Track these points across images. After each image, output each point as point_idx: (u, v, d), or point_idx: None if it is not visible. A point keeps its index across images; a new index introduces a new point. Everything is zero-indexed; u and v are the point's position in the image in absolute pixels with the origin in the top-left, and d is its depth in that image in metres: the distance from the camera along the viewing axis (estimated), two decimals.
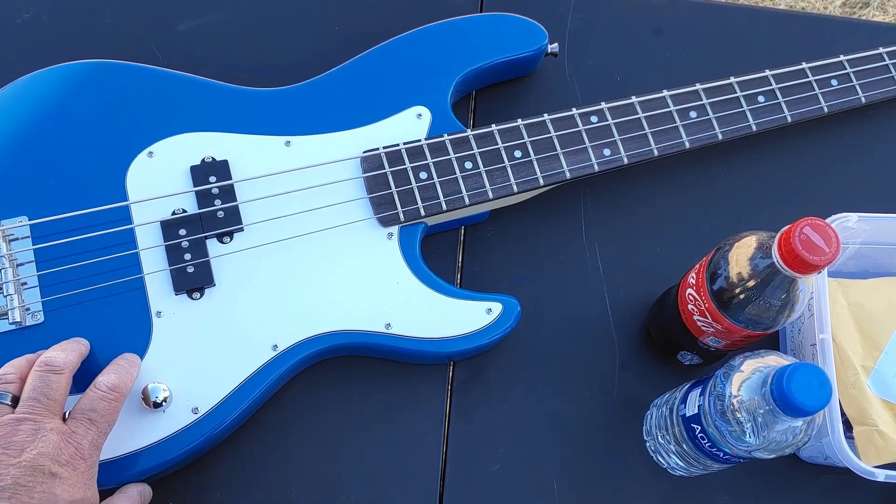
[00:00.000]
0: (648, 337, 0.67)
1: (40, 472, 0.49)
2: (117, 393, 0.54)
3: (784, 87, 0.70)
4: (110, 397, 0.54)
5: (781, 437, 0.50)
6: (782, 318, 0.53)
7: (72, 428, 0.52)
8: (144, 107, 0.65)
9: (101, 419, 0.53)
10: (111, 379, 0.54)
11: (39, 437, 0.50)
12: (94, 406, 0.53)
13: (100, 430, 0.53)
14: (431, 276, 0.63)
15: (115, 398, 0.54)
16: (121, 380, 0.55)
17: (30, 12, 0.73)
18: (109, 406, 0.54)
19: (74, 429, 0.52)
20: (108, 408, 0.53)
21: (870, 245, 0.65)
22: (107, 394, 0.54)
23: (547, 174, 0.65)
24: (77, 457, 0.51)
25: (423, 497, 0.62)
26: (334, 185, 0.64)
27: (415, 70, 0.68)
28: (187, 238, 0.61)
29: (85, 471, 0.51)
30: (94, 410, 0.53)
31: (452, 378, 0.66)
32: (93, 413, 0.53)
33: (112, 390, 0.54)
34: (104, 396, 0.53)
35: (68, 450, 0.51)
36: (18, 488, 0.48)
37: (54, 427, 0.51)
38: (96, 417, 0.53)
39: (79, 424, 0.52)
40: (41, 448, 0.50)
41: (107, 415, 0.53)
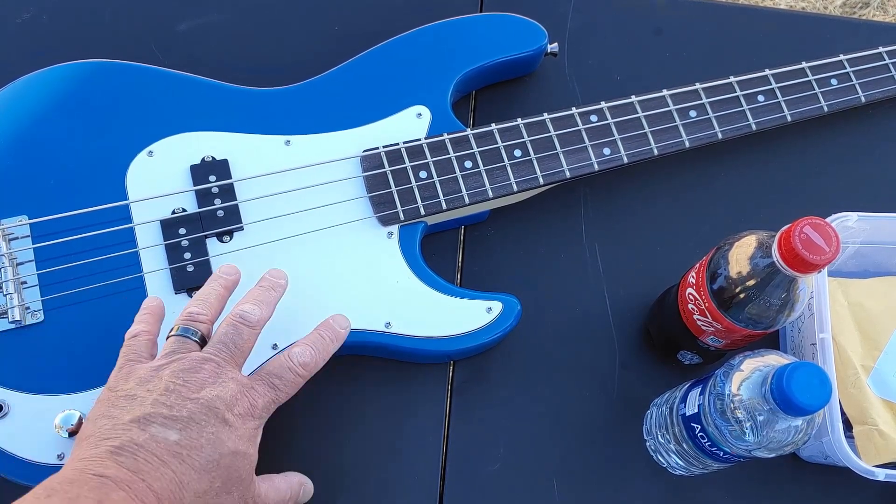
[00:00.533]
0: (648, 337, 0.67)
1: (214, 414, 0.49)
2: (306, 371, 0.54)
3: (784, 86, 0.70)
4: (298, 372, 0.53)
5: (781, 436, 0.50)
6: (782, 317, 0.53)
7: (252, 384, 0.52)
8: (144, 106, 0.65)
9: (282, 387, 0.53)
10: (306, 355, 0.54)
11: (220, 381, 0.50)
12: (281, 374, 0.53)
13: (278, 396, 0.52)
14: (431, 275, 0.63)
15: (302, 375, 0.54)
16: (314, 359, 0.54)
17: (30, 12, 0.73)
18: (294, 380, 0.53)
19: (255, 385, 0.52)
20: (293, 381, 0.53)
21: (870, 245, 0.65)
22: (296, 368, 0.53)
23: (547, 173, 0.65)
24: (249, 413, 0.51)
25: (423, 497, 0.62)
26: (334, 185, 0.64)
27: (415, 70, 0.68)
28: (187, 237, 0.61)
29: (253, 429, 0.51)
30: (280, 378, 0.53)
31: (452, 378, 0.66)
32: (277, 380, 0.52)
33: (303, 367, 0.53)
34: (293, 369, 0.53)
35: (243, 403, 0.50)
36: (191, 423, 0.48)
37: (235, 377, 0.51)
38: (279, 384, 0.52)
39: (260, 383, 0.52)
40: (219, 392, 0.50)
41: (289, 386, 0.53)
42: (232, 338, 0.52)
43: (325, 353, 0.55)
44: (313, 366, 0.54)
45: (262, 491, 0.53)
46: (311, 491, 0.59)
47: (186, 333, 0.53)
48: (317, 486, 0.61)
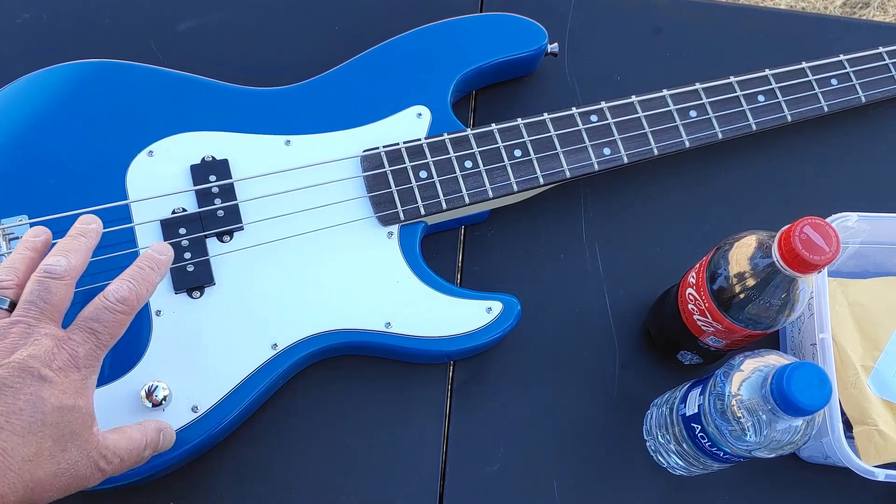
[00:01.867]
0: (648, 337, 0.67)
1: (28, 373, 0.46)
2: (126, 306, 0.50)
3: (784, 86, 0.70)
4: (117, 309, 0.50)
5: (781, 436, 0.50)
6: (782, 317, 0.53)
7: (69, 335, 0.49)
8: (144, 106, 0.65)
9: (103, 330, 0.49)
10: (122, 290, 0.50)
11: (31, 340, 0.47)
12: (97, 316, 0.49)
13: (100, 341, 0.49)
14: (431, 275, 0.63)
15: (122, 311, 0.50)
16: (133, 291, 0.51)
17: (30, 12, 0.73)
18: (115, 319, 0.50)
19: (71, 335, 0.49)
20: (114, 321, 0.50)
21: (870, 245, 0.65)
22: (113, 305, 0.50)
23: (547, 173, 0.65)
24: (70, 365, 0.48)
25: (423, 497, 0.62)
26: (334, 184, 0.64)
27: (415, 69, 0.68)
28: (187, 237, 0.61)
29: (79, 380, 0.48)
30: (97, 321, 0.49)
31: (452, 378, 0.66)
32: (95, 323, 0.49)
33: (121, 302, 0.50)
34: (110, 308, 0.50)
35: (61, 356, 0.48)
36: (4, 388, 0.45)
37: (49, 332, 0.48)
38: (98, 328, 0.49)
39: (77, 332, 0.49)
40: (32, 350, 0.47)
41: (111, 327, 0.50)
42: (39, 294, 0.49)
43: (147, 284, 0.52)
44: (134, 300, 0.50)
45: (108, 442, 0.50)
46: (172, 436, 0.56)
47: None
48: (317, 485, 0.62)
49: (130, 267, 0.52)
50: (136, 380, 0.58)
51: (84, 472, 0.48)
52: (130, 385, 0.58)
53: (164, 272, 0.53)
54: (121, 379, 0.58)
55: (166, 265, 0.54)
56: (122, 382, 0.58)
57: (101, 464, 0.49)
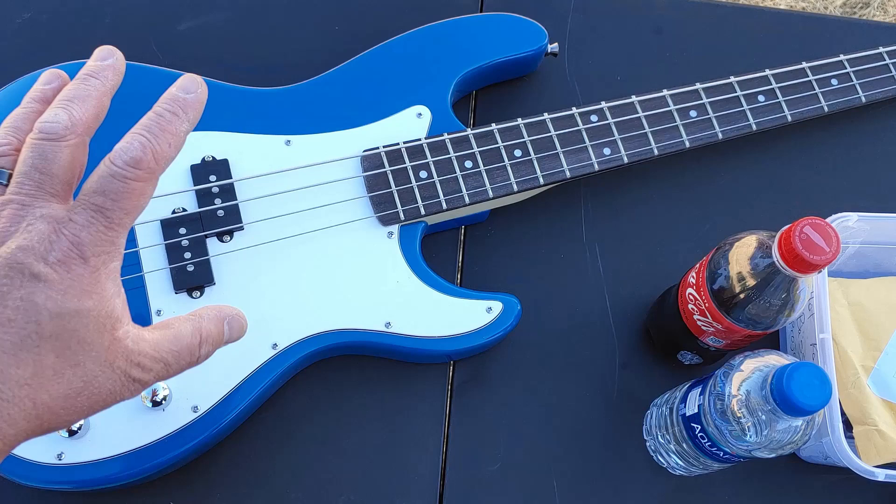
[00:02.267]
0: (648, 337, 0.67)
1: (18, 271, 0.36)
2: (140, 170, 0.39)
3: (784, 86, 0.70)
4: (128, 175, 0.38)
5: (781, 436, 0.50)
6: (782, 317, 0.53)
7: (70, 215, 0.38)
8: (144, 106, 0.65)
9: (112, 206, 0.38)
10: (133, 148, 0.39)
11: (24, 225, 0.37)
12: (103, 187, 0.38)
13: (110, 220, 0.38)
14: (431, 275, 0.63)
15: (135, 177, 0.38)
16: (149, 148, 0.39)
17: (30, 12, 0.73)
18: (126, 188, 0.38)
19: (73, 216, 0.38)
20: (125, 190, 0.38)
21: (870, 245, 0.65)
22: (122, 170, 0.38)
23: (547, 173, 0.65)
24: (73, 255, 0.37)
25: (423, 497, 0.62)
26: (334, 184, 0.64)
27: (415, 69, 0.68)
28: (187, 237, 0.61)
29: (84, 275, 0.38)
30: (104, 193, 0.38)
31: (452, 378, 0.66)
32: (100, 197, 0.38)
33: (132, 166, 0.38)
34: (118, 174, 0.38)
35: (61, 244, 0.37)
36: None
37: (46, 213, 0.38)
38: (105, 204, 0.38)
39: (80, 211, 0.38)
40: (23, 240, 0.37)
41: (122, 200, 0.38)
42: (33, 163, 0.38)
43: (168, 136, 0.40)
44: (150, 160, 0.39)
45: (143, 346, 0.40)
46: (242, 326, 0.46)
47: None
48: (317, 485, 0.62)
49: (147, 115, 0.41)
50: None
51: (110, 387, 0.39)
52: None
53: (194, 118, 0.41)
54: None
55: (196, 106, 0.42)
56: None
57: (134, 373, 0.39)
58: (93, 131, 0.41)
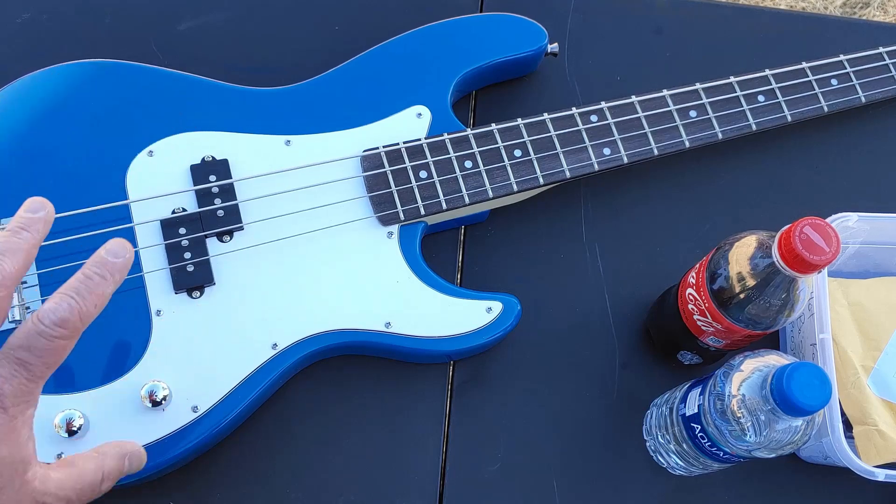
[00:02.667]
0: (648, 337, 0.67)
1: None
2: (66, 330, 0.40)
3: (784, 86, 0.70)
4: (53, 334, 0.40)
5: (781, 436, 0.50)
6: (782, 317, 0.53)
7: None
8: (144, 106, 0.65)
9: (35, 361, 0.40)
10: (61, 309, 0.40)
11: None
12: (29, 343, 0.40)
13: (32, 374, 0.40)
14: (431, 275, 0.63)
15: (60, 336, 0.40)
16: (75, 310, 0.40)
17: (30, 12, 0.73)
18: (51, 345, 0.40)
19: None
20: (49, 348, 0.40)
21: (870, 245, 0.65)
22: (49, 329, 0.40)
23: (547, 173, 0.65)
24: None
25: (423, 497, 0.62)
26: (334, 184, 0.64)
27: (415, 69, 0.68)
28: (187, 237, 0.61)
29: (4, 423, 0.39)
30: (29, 349, 0.40)
31: (452, 378, 0.66)
32: (24, 352, 0.40)
33: (59, 325, 0.40)
34: (45, 332, 0.40)
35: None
36: None
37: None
38: (29, 359, 0.40)
39: (4, 364, 0.39)
40: None
41: (46, 356, 0.40)
42: None
43: (95, 298, 0.41)
44: (76, 321, 0.40)
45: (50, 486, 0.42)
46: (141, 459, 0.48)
47: None
48: (317, 485, 0.62)
49: (75, 275, 0.42)
50: (136, 380, 0.58)
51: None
52: (130, 385, 0.57)
53: (119, 280, 0.43)
54: (121, 379, 0.58)
55: (122, 271, 0.43)
56: (122, 382, 0.58)
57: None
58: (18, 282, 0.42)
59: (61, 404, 0.57)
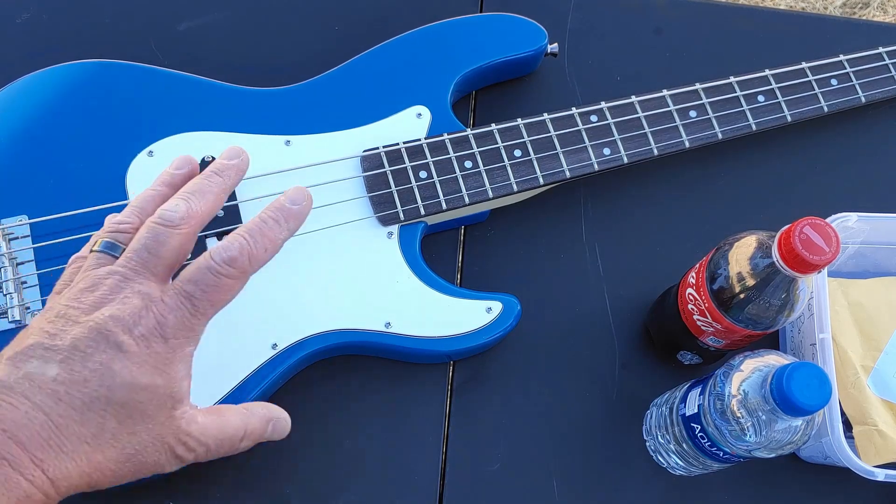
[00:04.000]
0: (648, 337, 0.67)
1: (104, 338, 0.40)
2: (234, 269, 0.42)
3: (784, 86, 0.70)
4: (221, 272, 0.42)
5: (781, 436, 0.50)
6: (782, 317, 0.53)
7: (162, 297, 0.42)
8: (144, 106, 0.65)
9: (201, 296, 0.42)
10: (232, 248, 0.43)
11: (121, 297, 0.41)
12: (197, 277, 0.42)
13: (196, 309, 0.42)
14: (431, 275, 0.63)
15: (228, 274, 0.42)
16: (246, 251, 0.43)
17: (30, 12, 0.73)
18: (218, 283, 0.42)
19: (165, 298, 0.42)
20: (216, 284, 0.42)
21: (870, 245, 0.65)
22: (218, 266, 0.42)
23: (547, 173, 0.65)
24: (155, 333, 0.41)
25: (423, 497, 0.62)
26: (334, 185, 0.64)
27: (415, 70, 0.68)
28: None
29: (162, 353, 0.41)
30: (196, 283, 0.42)
31: (452, 378, 0.66)
32: (192, 286, 0.42)
33: (227, 264, 0.42)
34: (213, 269, 0.42)
35: (147, 321, 0.41)
36: (74, 352, 0.39)
37: (142, 290, 0.41)
38: (195, 293, 0.42)
39: (172, 295, 0.42)
40: (116, 310, 0.40)
41: (211, 293, 0.42)
42: (146, 243, 0.42)
43: (267, 242, 0.44)
44: (244, 261, 0.43)
45: (193, 428, 0.43)
46: (285, 428, 0.50)
47: (107, 248, 0.44)
48: (317, 485, 0.62)
49: (252, 219, 0.44)
50: None
51: (155, 459, 0.42)
52: None
53: (294, 227, 0.45)
54: None
55: (298, 218, 0.45)
56: None
57: (178, 450, 0.43)
58: (205, 223, 0.45)
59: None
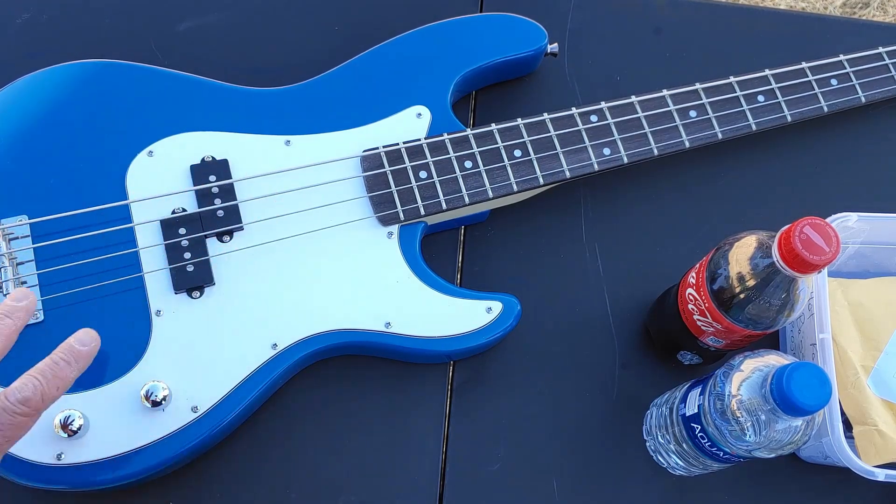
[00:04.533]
0: (648, 337, 0.67)
1: None
2: (28, 408, 0.45)
3: (784, 86, 0.70)
4: (16, 411, 0.44)
5: (781, 436, 0.50)
6: (782, 317, 0.53)
7: None
8: (144, 106, 0.65)
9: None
10: (27, 389, 0.45)
11: None
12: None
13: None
14: (431, 275, 0.63)
15: (22, 413, 0.44)
16: (39, 391, 0.45)
17: (30, 12, 0.73)
18: (13, 421, 0.44)
19: None
20: (12, 423, 0.44)
21: (870, 245, 0.65)
22: (13, 406, 0.44)
23: (547, 173, 0.65)
24: None
25: (423, 497, 0.62)
26: (334, 185, 0.64)
27: (415, 70, 0.68)
28: (187, 237, 0.61)
29: None
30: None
31: (452, 378, 0.66)
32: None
33: (22, 403, 0.44)
34: (8, 408, 0.44)
35: None
36: None
37: None
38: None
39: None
40: None
41: (7, 430, 0.44)
42: None
43: (58, 382, 0.46)
44: (38, 400, 0.45)
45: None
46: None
47: None
48: (317, 485, 0.62)
49: (44, 360, 0.47)
50: (136, 380, 0.58)
51: None
52: (130, 385, 0.58)
53: (83, 366, 0.48)
54: (121, 379, 0.58)
55: (88, 357, 0.48)
56: (122, 382, 0.58)
57: None
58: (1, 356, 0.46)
59: (61, 404, 0.56)
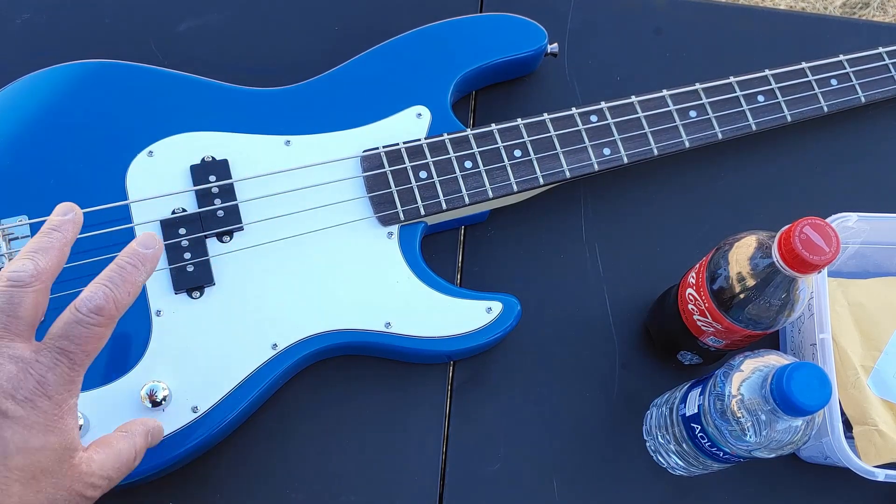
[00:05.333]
0: (648, 337, 0.67)
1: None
2: (102, 317, 0.43)
3: (784, 86, 0.70)
4: (91, 322, 0.43)
5: (781, 436, 0.50)
6: (782, 317, 0.53)
7: (37, 356, 0.42)
8: (144, 106, 0.65)
9: (76, 349, 0.43)
10: (97, 297, 0.43)
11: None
12: (68, 332, 0.43)
13: (73, 362, 0.43)
14: (431, 276, 0.63)
15: (97, 323, 0.43)
16: (110, 298, 0.44)
17: (30, 12, 0.73)
18: (89, 333, 0.43)
19: (39, 358, 0.42)
20: (88, 335, 0.43)
21: (870, 245, 0.65)
22: (87, 317, 0.43)
23: (547, 173, 0.65)
24: (39, 393, 0.41)
25: (423, 497, 0.62)
26: (334, 185, 0.64)
27: (415, 70, 0.68)
28: (187, 237, 0.61)
29: (49, 410, 0.42)
30: (68, 337, 0.43)
31: (452, 378, 0.66)
32: (65, 341, 0.43)
33: (95, 313, 0.43)
34: (83, 320, 0.43)
35: (28, 383, 0.41)
36: None
37: (14, 353, 0.42)
38: (70, 347, 0.43)
39: (46, 353, 0.42)
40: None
41: (84, 343, 0.43)
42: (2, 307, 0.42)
43: (128, 286, 0.44)
44: (111, 308, 0.43)
45: (94, 467, 0.45)
46: (160, 432, 0.52)
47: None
48: (317, 485, 0.62)
49: (109, 266, 0.45)
50: (136, 380, 0.58)
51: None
52: (130, 385, 0.58)
53: (150, 269, 0.46)
54: (121, 379, 0.58)
55: (153, 261, 0.46)
56: (121, 382, 0.58)
57: (87, 493, 0.44)
58: (54, 278, 0.45)
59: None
